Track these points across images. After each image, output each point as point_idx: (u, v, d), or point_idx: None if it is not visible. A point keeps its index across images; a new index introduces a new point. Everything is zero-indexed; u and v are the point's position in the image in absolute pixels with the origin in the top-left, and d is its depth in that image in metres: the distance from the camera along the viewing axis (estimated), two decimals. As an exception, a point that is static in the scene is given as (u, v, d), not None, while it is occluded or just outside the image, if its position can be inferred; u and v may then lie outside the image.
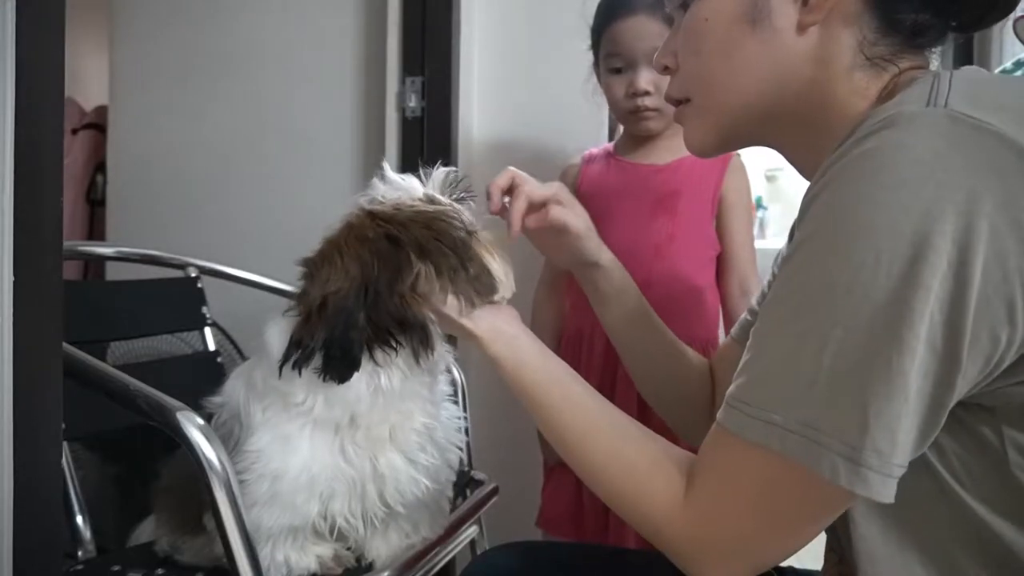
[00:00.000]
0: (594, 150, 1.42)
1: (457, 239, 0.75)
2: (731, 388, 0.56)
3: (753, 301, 0.89)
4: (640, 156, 1.33)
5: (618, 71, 1.25)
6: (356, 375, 0.76)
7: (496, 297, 0.77)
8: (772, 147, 0.70)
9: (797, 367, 0.51)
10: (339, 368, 0.74)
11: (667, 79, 1.23)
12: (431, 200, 0.77)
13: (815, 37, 0.61)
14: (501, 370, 0.73)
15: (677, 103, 0.72)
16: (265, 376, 0.81)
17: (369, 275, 0.73)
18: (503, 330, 0.75)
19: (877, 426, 0.48)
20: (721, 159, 1.29)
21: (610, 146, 1.39)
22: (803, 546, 0.57)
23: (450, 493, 0.96)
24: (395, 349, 0.76)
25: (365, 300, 0.73)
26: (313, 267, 0.77)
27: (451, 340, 0.85)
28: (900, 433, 0.49)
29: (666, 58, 0.71)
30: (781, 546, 0.57)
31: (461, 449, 0.93)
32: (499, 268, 0.77)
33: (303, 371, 0.75)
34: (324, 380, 0.75)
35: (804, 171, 0.70)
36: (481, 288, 0.76)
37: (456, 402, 0.96)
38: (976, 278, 0.47)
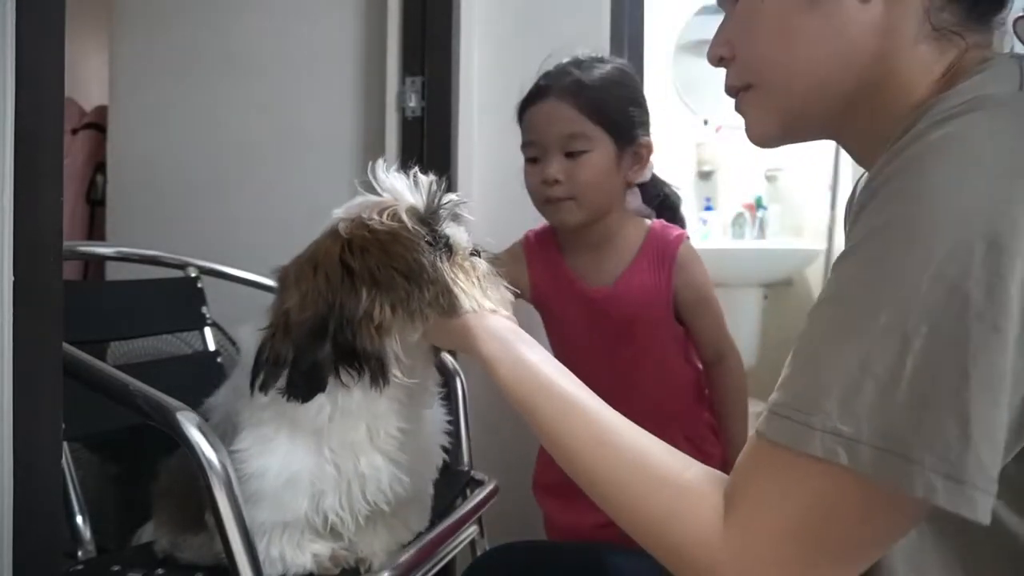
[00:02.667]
0: (532, 235, 1.34)
1: (412, 262, 0.73)
2: (775, 396, 0.50)
3: None
4: (586, 272, 1.25)
5: (533, 161, 1.20)
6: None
7: (460, 312, 0.73)
8: (831, 134, 0.65)
9: (870, 371, 0.45)
10: (303, 390, 0.74)
11: (579, 167, 1.16)
12: (399, 216, 0.76)
13: (880, 5, 0.57)
14: (497, 372, 0.68)
15: (737, 92, 0.66)
16: (243, 379, 0.81)
17: (327, 303, 0.73)
18: (498, 329, 0.71)
19: (981, 436, 0.43)
20: (667, 259, 1.22)
21: (555, 242, 1.30)
22: (864, 569, 0.50)
23: (431, 489, 0.96)
24: (360, 372, 0.75)
25: (327, 327, 0.73)
26: (281, 284, 0.77)
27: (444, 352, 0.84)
28: (1000, 443, 0.44)
29: (720, 48, 0.66)
30: (840, 573, 0.50)
31: (446, 448, 0.93)
32: (465, 290, 0.75)
33: (268, 391, 0.75)
34: (288, 400, 0.75)
35: (861, 157, 0.65)
36: (440, 309, 0.73)
37: (445, 404, 0.95)
38: None
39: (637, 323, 1.22)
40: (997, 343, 0.43)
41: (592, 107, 1.16)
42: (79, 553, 1.05)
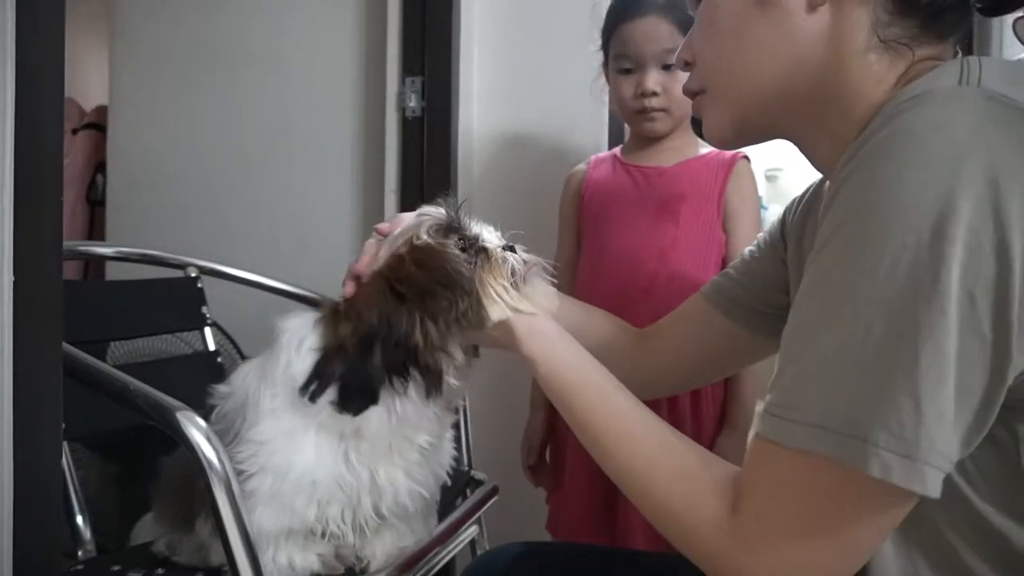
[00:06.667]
0: (602, 154, 1.42)
1: (452, 272, 0.76)
2: (767, 396, 0.54)
3: (730, 267, 0.89)
4: (644, 158, 1.33)
5: (627, 71, 1.26)
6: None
7: (488, 323, 0.76)
8: (789, 139, 0.68)
9: (840, 360, 0.49)
10: (356, 401, 0.77)
11: (674, 80, 1.24)
12: (420, 234, 0.79)
13: (827, 17, 0.59)
14: (538, 371, 0.71)
15: (694, 95, 0.70)
16: (283, 367, 0.81)
17: (382, 326, 0.76)
18: (539, 329, 0.73)
19: (931, 413, 0.45)
20: (727, 163, 1.29)
21: (618, 150, 1.39)
22: (866, 558, 0.53)
23: (438, 496, 0.96)
24: (409, 380, 0.78)
25: (382, 346, 0.76)
26: (334, 316, 0.80)
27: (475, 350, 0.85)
28: (952, 423, 0.46)
29: (685, 53, 0.70)
30: (842, 561, 0.52)
31: (448, 472, 0.94)
32: (497, 297, 0.76)
33: (316, 400, 0.78)
34: (340, 412, 0.78)
35: (820, 164, 0.68)
36: (469, 324, 0.76)
37: (455, 433, 0.96)
38: (1017, 261, 0.45)
39: (684, 203, 1.28)
40: (943, 325, 0.45)
41: (686, 25, 1.22)
42: (79, 553, 1.05)
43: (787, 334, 0.54)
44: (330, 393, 0.78)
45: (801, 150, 0.68)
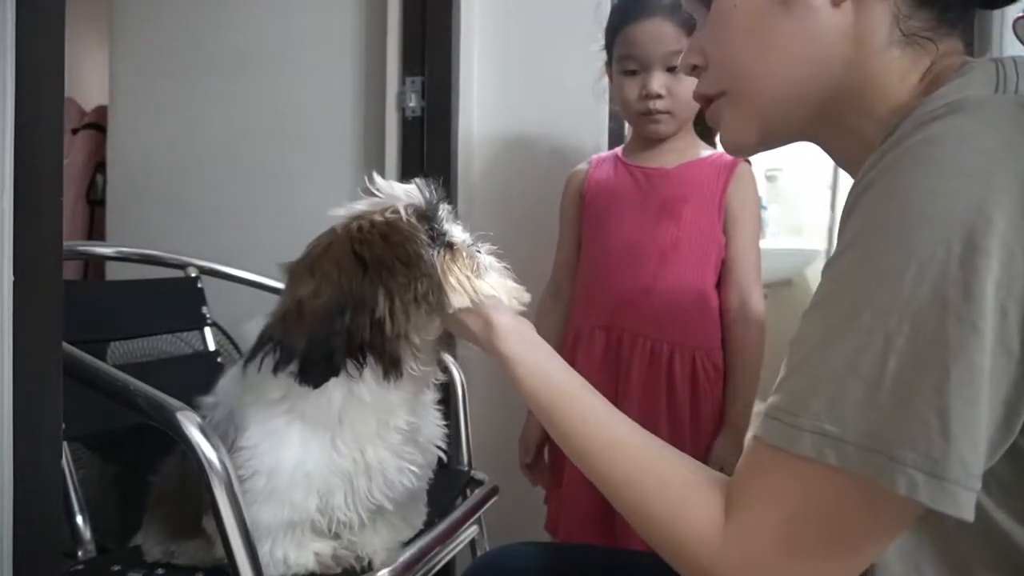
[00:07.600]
0: (603, 154, 1.42)
1: (412, 252, 0.76)
2: (770, 399, 0.51)
3: None
4: (647, 159, 1.33)
5: (632, 73, 1.26)
6: (332, 383, 0.78)
7: (449, 309, 0.76)
8: (813, 140, 0.66)
9: (855, 370, 0.46)
10: (317, 374, 0.76)
11: (679, 82, 1.22)
12: (396, 210, 0.79)
13: (850, 13, 0.58)
14: (515, 372, 0.69)
15: (709, 101, 0.67)
16: (249, 372, 0.82)
17: (342, 290, 0.75)
18: (520, 331, 0.72)
19: (962, 433, 0.44)
20: (728, 166, 1.29)
21: (619, 150, 1.39)
22: (863, 568, 0.51)
23: (427, 486, 0.96)
24: (363, 364, 0.77)
25: (342, 313, 0.75)
26: (292, 275, 0.79)
27: (450, 341, 0.85)
28: (981, 441, 0.44)
29: (693, 56, 0.67)
30: (838, 572, 0.51)
31: (443, 449, 0.94)
32: (459, 285, 0.77)
33: (278, 373, 0.77)
34: (300, 384, 0.77)
35: (845, 163, 0.66)
36: (428, 306, 0.76)
37: (442, 409, 0.96)
38: None
39: (686, 204, 1.28)
40: (976, 342, 0.44)
41: (692, 27, 1.23)
42: (79, 553, 1.05)
43: (798, 337, 0.52)
44: (273, 363, 0.77)
45: (824, 150, 0.66)
